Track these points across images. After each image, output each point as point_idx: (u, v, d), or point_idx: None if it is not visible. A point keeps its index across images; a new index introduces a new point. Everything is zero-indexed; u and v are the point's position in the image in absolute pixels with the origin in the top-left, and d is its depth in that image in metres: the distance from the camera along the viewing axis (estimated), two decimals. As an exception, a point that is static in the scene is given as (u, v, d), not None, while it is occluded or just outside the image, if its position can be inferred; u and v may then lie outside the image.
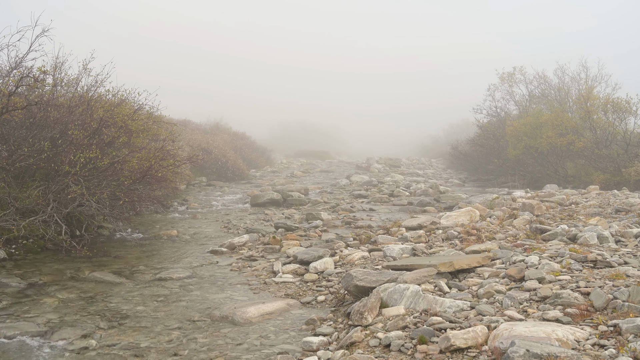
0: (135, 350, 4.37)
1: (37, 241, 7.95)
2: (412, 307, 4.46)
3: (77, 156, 8.33)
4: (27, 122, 8.74)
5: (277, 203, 14.08)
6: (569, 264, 5.09)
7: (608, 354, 3.12)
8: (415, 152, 45.62)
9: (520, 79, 24.98)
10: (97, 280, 6.55)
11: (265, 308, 5.26)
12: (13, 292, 5.96)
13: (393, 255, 6.87)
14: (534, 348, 3.00)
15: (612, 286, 4.28)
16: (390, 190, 16.15)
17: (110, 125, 9.65)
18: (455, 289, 4.99)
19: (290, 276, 6.61)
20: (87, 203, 8.23)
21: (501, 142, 21.16)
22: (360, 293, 5.12)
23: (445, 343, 3.51)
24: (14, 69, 8.59)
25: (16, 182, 8.27)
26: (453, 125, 45.99)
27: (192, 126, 27.01)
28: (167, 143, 11.80)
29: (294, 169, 27.41)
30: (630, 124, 17.47)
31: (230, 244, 8.57)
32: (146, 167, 9.51)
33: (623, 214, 8.49)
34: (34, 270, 6.89)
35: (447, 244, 7.44)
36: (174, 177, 12.08)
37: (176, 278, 6.70)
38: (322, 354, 4.02)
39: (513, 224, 8.14)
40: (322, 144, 46.86)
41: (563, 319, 3.74)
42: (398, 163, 29.35)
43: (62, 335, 4.69)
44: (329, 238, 8.92)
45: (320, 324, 4.84)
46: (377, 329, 4.17)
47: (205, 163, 19.31)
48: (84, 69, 10.41)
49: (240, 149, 25.59)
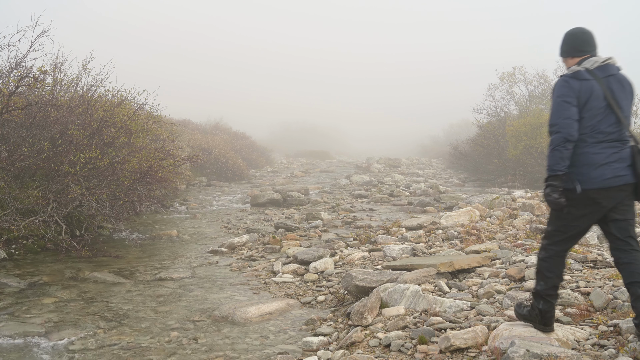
0: (135, 350, 4.38)
1: (37, 241, 7.95)
2: (412, 307, 4.46)
3: (77, 156, 8.33)
4: (27, 122, 8.74)
5: (277, 203, 14.08)
6: (568, 264, 5.09)
7: (608, 354, 3.12)
8: (415, 152, 45.61)
9: (520, 79, 24.95)
10: (97, 280, 6.55)
11: (265, 308, 5.26)
12: (13, 292, 5.97)
13: (393, 255, 6.87)
14: (534, 348, 3.00)
15: (612, 286, 4.28)
16: (390, 190, 16.14)
17: (110, 125, 9.65)
18: (455, 289, 4.99)
19: (290, 276, 6.61)
20: (87, 203, 8.24)
21: (501, 142, 21.14)
22: (360, 293, 5.12)
23: (445, 343, 3.51)
24: (14, 69, 8.60)
25: (16, 182, 8.27)
26: (453, 125, 45.96)
27: (192, 126, 27.01)
28: (167, 143, 11.80)
29: (294, 169, 27.41)
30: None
31: (230, 244, 8.57)
32: (146, 167, 9.52)
33: (623, 214, 8.48)
34: (34, 270, 6.89)
35: (447, 244, 7.44)
36: (174, 177, 12.09)
37: (176, 278, 6.70)
38: (322, 354, 4.02)
39: (513, 224, 8.14)
40: (322, 144, 46.83)
41: (563, 319, 3.74)
42: (398, 163, 29.35)
43: (62, 335, 4.69)
44: (329, 238, 8.92)
45: (320, 324, 4.84)
46: (377, 329, 4.17)
47: (205, 163, 19.31)
48: (84, 69, 10.43)
49: (240, 149, 25.59)
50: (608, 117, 3.22)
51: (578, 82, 3.25)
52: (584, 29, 3.46)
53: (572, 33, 3.47)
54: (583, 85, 3.23)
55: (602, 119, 3.22)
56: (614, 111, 3.22)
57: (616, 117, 3.23)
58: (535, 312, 3.42)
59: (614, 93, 3.25)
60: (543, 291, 3.37)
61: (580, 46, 3.41)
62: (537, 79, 24.86)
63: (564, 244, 3.34)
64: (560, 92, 3.28)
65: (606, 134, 3.22)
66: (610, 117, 3.23)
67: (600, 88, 3.23)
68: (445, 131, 46.93)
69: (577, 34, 3.45)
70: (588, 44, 3.40)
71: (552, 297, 3.37)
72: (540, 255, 3.42)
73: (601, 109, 3.22)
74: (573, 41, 3.45)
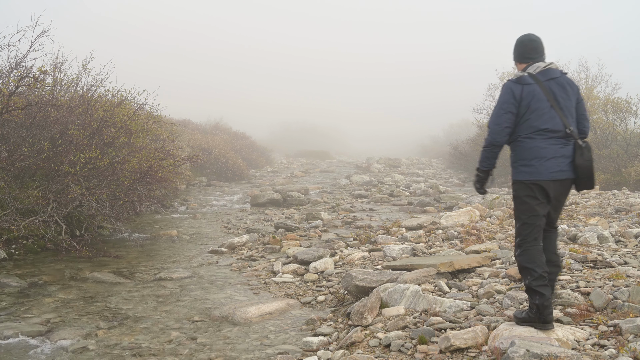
0: (135, 350, 4.37)
1: (37, 241, 7.95)
2: (412, 307, 4.46)
3: (77, 156, 8.33)
4: (27, 122, 8.74)
5: (277, 203, 14.08)
6: (569, 263, 5.09)
7: (608, 354, 3.12)
8: (415, 152, 45.61)
9: (520, 79, 24.96)
10: (97, 280, 6.55)
11: (265, 308, 5.26)
12: (13, 292, 5.97)
13: (393, 255, 6.87)
14: (534, 348, 3.00)
15: (612, 286, 4.28)
16: (390, 190, 16.14)
17: (110, 125, 9.65)
18: (455, 289, 4.99)
19: (290, 276, 6.61)
20: (87, 203, 8.24)
21: (501, 142, 21.13)
22: (360, 293, 5.12)
23: (445, 343, 3.51)
24: (14, 69, 8.59)
25: (16, 182, 8.28)
26: (453, 125, 45.96)
27: (192, 126, 27.02)
28: (167, 143, 11.80)
29: (294, 169, 27.41)
30: (630, 124, 17.47)
31: (230, 244, 8.57)
32: (146, 167, 9.52)
33: (623, 214, 8.49)
34: (34, 270, 6.89)
35: (447, 244, 7.44)
36: (174, 177, 12.09)
37: (176, 278, 6.70)
38: (322, 354, 4.02)
39: (513, 224, 8.14)
40: (322, 144, 46.83)
41: (563, 319, 3.74)
42: (398, 163, 29.35)
43: (62, 335, 4.69)
44: (329, 238, 8.92)
45: (320, 324, 4.84)
46: (377, 329, 4.17)
47: (205, 163, 19.31)
48: (84, 69, 10.42)
49: (240, 149, 25.60)
50: (551, 116, 3.53)
51: (520, 87, 3.57)
52: (531, 36, 3.75)
53: (521, 41, 3.77)
54: (525, 89, 3.56)
55: (546, 118, 3.52)
56: (557, 111, 3.54)
57: (559, 117, 3.54)
58: (534, 310, 3.50)
59: (555, 95, 3.56)
60: (532, 284, 3.48)
61: (526, 53, 3.73)
62: (537, 79, 24.84)
63: (533, 233, 3.55)
64: (501, 99, 3.62)
65: (552, 131, 3.53)
66: (554, 117, 3.53)
67: (542, 91, 3.55)
68: (445, 131, 46.92)
69: (524, 42, 3.76)
70: (534, 51, 3.71)
71: (544, 288, 3.45)
72: (517, 252, 3.61)
73: (545, 110, 3.53)
74: (521, 48, 3.76)
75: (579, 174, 3.55)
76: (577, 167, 3.54)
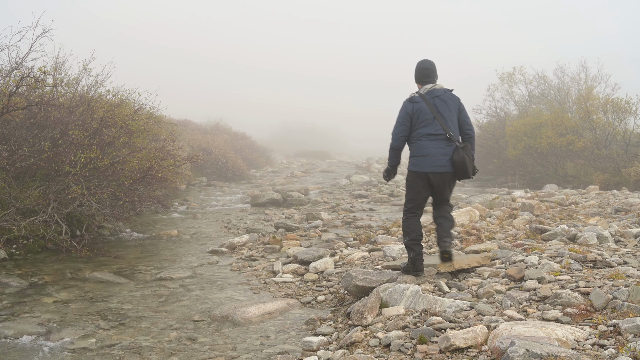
0: (136, 350, 4.38)
1: (38, 241, 7.96)
2: (412, 307, 4.47)
3: (77, 156, 8.33)
4: (28, 122, 8.75)
5: (277, 203, 14.09)
6: (568, 263, 5.10)
7: (608, 353, 3.12)
8: (415, 152, 45.47)
9: (520, 79, 24.96)
10: (97, 280, 6.56)
11: (265, 308, 5.27)
12: (13, 292, 5.97)
13: (393, 255, 6.88)
14: (534, 348, 3.00)
15: (611, 286, 4.29)
16: (391, 190, 16.15)
17: (110, 126, 9.66)
18: (455, 289, 4.99)
19: (290, 276, 6.62)
20: (87, 203, 8.24)
21: (501, 142, 21.14)
22: (360, 293, 5.13)
23: (445, 343, 3.52)
24: (14, 69, 8.60)
25: (16, 182, 8.28)
26: (453, 125, 45.86)
27: (193, 126, 27.03)
28: (167, 143, 11.81)
29: (294, 169, 27.42)
30: (629, 124, 17.48)
31: (231, 244, 8.58)
32: (146, 167, 9.52)
33: (623, 214, 8.49)
34: (34, 270, 6.90)
35: (447, 244, 7.44)
36: (174, 177, 12.09)
37: (176, 278, 6.71)
38: (322, 354, 4.03)
39: (513, 224, 8.15)
40: (322, 144, 46.85)
41: (563, 319, 3.74)
42: (398, 163, 29.31)
43: (62, 335, 4.69)
44: (329, 238, 8.92)
45: (320, 324, 4.85)
46: (377, 329, 4.17)
47: (205, 163, 19.33)
48: (84, 69, 10.43)
49: (241, 149, 25.62)
50: (435, 124, 4.79)
51: (412, 105, 4.87)
52: (425, 63, 4.99)
53: (417, 66, 5.02)
54: (415, 106, 4.85)
55: (430, 126, 4.79)
56: (439, 120, 4.78)
57: (440, 125, 4.78)
58: (409, 262, 5.00)
59: (437, 108, 4.82)
60: (408, 242, 4.92)
61: (421, 77, 5.00)
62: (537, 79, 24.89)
63: (415, 208, 4.96)
64: (399, 115, 4.94)
65: (434, 135, 4.78)
66: (436, 125, 4.79)
67: (427, 106, 4.82)
68: (445, 131, 46.79)
69: (419, 68, 5.01)
70: (426, 76, 4.97)
71: (416, 246, 4.92)
72: (403, 218, 5.00)
73: (429, 120, 4.80)
74: (417, 73, 5.03)
75: (455, 168, 4.74)
76: (453, 162, 4.72)
